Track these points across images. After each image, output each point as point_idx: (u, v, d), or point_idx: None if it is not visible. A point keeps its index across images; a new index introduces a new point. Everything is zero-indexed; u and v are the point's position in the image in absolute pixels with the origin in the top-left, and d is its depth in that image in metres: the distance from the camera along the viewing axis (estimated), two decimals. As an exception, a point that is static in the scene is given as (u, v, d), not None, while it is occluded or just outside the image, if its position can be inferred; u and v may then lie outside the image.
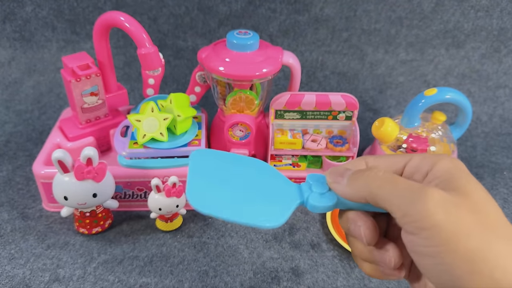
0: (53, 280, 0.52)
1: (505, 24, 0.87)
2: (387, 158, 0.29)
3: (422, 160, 0.27)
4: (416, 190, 0.24)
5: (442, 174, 0.25)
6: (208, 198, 0.29)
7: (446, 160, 0.26)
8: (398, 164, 0.28)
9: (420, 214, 0.23)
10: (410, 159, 0.28)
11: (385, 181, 0.25)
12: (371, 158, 0.29)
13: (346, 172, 0.28)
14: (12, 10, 0.86)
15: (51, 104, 0.88)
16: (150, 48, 0.58)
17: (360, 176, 0.27)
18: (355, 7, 0.86)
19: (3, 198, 0.64)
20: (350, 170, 0.28)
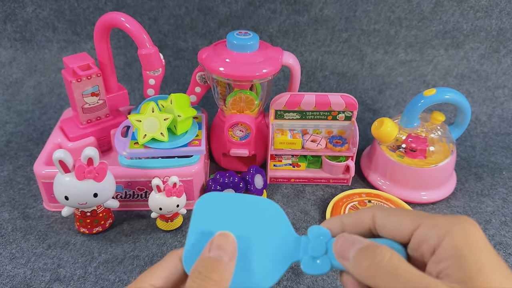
0: (54, 279, 0.52)
1: (504, 25, 0.87)
2: (396, 219, 0.26)
3: (430, 230, 0.24)
4: None
5: (451, 256, 0.23)
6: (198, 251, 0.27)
7: (456, 233, 0.23)
8: (405, 231, 0.26)
9: None
10: (418, 225, 0.25)
11: (388, 273, 0.23)
12: (380, 215, 0.27)
13: (353, 246, 0.26)
14: (13, 10, 0.86)
15: (52, 104, 0.88)
16: (150, 48, 0.58)
17: (365, 260, 0.24)
18: (355, 8, 0.86)
19: (4, 198, 0.65)
20: (358, 244, 0.25)
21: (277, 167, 0.70)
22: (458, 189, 0.70)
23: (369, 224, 0.27)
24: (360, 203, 0.63)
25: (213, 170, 0.73)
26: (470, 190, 0.70)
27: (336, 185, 0.70)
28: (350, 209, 0.61)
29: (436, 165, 0.65)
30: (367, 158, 0.73)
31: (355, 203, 0.62)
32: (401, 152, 0.66)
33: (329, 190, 0.69)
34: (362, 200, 0.63)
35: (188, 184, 0.61)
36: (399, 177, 0.66)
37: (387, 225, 0.26)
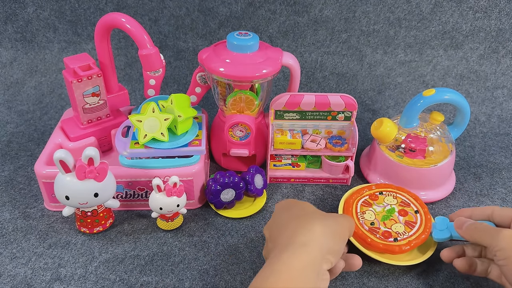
0: (55, 279, 0.52)
1: (503, 25, 0.87)
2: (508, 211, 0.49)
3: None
4: (496, 232, 0.45)
5: None
6: None
7: None
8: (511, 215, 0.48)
9: (497, 245, 0.44)
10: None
11: (481, 231, 0.47)
12: (498, 209, 0.49)
13: (465, 222, 0.49)
14: (14, 11, 0.87)
15: (52, 105, 0.89)
16: (151, 49, 0.58)
17: (470, 228, 0.48)
18: (354, 9, 0.87)
19: (5, 198, 0.65)
20: (468, 222, 0.49)
21: (277, 167, 0.70)
22: (457, 189, 0.70)
23: (489, 214, 0.50)
24: (370, 196, 0.60)
25: (213, 170, 0.73)
26: (469, 190, 0.70)
27: (336, 185, 0.71)
28: (362, 205, 0.58)
29: (435, 165, 0.65)
30: (367, 158, 0.73)
31: (366, 198, 0.60)
32: (401, 152, 0.66)
33: (328, 190, 0.69)
34: (373, 193, 0.61)
35: (189, 184, 0.61)
36: (398, 177, 0.67)
37: (502, 214, 0.49)
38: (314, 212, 0.45)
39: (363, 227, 0.55)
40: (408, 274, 0.55)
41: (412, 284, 0.53)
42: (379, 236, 0.54)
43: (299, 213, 0.44)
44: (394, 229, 0.55)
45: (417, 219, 0.56)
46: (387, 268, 0.55)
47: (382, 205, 0.58)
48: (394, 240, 0.53)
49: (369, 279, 0.54)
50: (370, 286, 0.53)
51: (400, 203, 0.59)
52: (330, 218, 0.43)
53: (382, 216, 0.57)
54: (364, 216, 0.57)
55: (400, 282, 0.54)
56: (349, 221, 0.45)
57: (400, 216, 0.57)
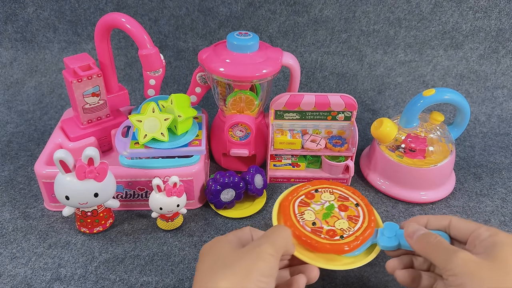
0: (55, 279, 0.52)
1: (504, 25, 0.87)
2: (466, 224, 0.42)
3: (485, 231, 0.39)
4: (451, 253, 0.38)
5: (490, 244, 0.38)
6: None
7: (502, 236, 0.38)
8: (468, 231, 0.41)
9: (451, 269, 0.37)
10: (479, 227, 0.40)
11: (435, 247, 0.40)
12: (455, 220, 0.44)
13: (416, 231, 0.43)
14: (14, 11, 0.87)
15: (52, 105, 0.89)
16: (151, 49, 0.58)
17: (422, 240, 0.42)
18: (354, 9, 0.87)
19: (5, 198, 0.65)
20: (420, 231, 0.43)
21: (277, 167, 0.70)
22: (457, 189, 0.70)
23: (445, 225, 0.44)
24: (306, 195, 0.55)
25: (213, 170, 0.73)
26: (469, 190, 0.70)
27: (336, 185, 0.71)
28: (299, 206, 0.53)
29: (435, 165, 0.65)
30: (367, 158, 0.73)
31: (302, 197, 0.54)
32: (401, 152, 0.66)
33: (328, 190, 0.69)
34: (308, 192, 0.55)
35: (189, 184, 0.61)
36: (398, 177, 0.67)
37: (459, 227, 0.43)
38: (226, 259, 0.37)
39: (305, 229, 0.49)
40: (408, 274, 0.55)
41: (412, 284, 0.53)
42: (324, 236, 0.49)
43: (208, 267, 0.37)
44: (338, 226, 0.50)
45: (359, 212, 0.52)
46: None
47: (320, 203, 0.54)
48: (341, 238, 0.49)
49: (369, 279, 0.54)
50: (370, 286, 0.53)
51: (338, 198, 0.55)
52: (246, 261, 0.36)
53: (322, 214, 0.52)
54: (304, 217, 0.51)
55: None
56: (276, 244, 0.38)
57: (341, 212, 0.52)
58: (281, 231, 0.40)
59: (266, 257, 0.37)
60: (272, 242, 0.38)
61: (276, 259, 0.37)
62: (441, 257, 0.39)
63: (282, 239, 0.40)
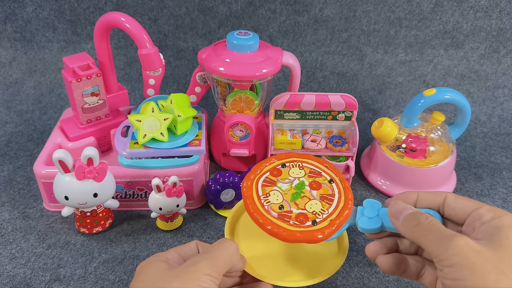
0: (54, 279, 0.52)
1: (504, 25, 0.87)
2: (464, 202, 0.35)
3: (488, 212, 0.33)
4: (446, 238, 0.31)
5: (491, 228, 0.31)
6: None
7: (506, 219, 0.31)
8: (467, 211, 0.34)
9: (446, 258, 0.30)
10: (480, 207, 0.33)
11: (427, 230, 0.33)
12: (451, 197, 0.36)
13: (403, 211, 0.36)
14: (13, 10, 0.86)
15: (52, 104, 0.88)
16: (150, 48, 0.58)
17: (410, 222, 0.34)
18: (355, 8, 0.86)
19: (4, 198, 0.65)
20: (407, 210, 0.35)
21: (277, 167, 0.70)
22: (458, 189, 0.70)
23: (439, 202, 0.37)
24: (272, 172, 0.47)
25: (213, 170, 0.73)
26: (470, 190, 0.70)
27: (336, 185, 0.70)
28: (263, 185, 0.45)
29: (436, 165, 0.65)
30: (367, 158, 0.73)
31: (266, 175, 0.46)
32: (401, 152, 0.66)
33: (329, 190, 0.69)
34: (274, 168, 0.47)
35: (188, 184, 0.61)
36: (399, 177, 0.66)
37: (456, 206, 0.35)
38: (155, 283, 0.33)
39: (271, 215, 0.41)
40: (409, 274, 0.55)
41: (413, 284, 0.53)
42: (293, 223, 0.41)
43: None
44: (310, 208, 0.42)
45: (333, 190, 0.44)
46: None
47: (288, 180, 0.45)
48: (313, 223, 0.41)
49: (370, 279, 0.54)
50: (371, 286, 0.53)
51: (309, 173, 0.46)
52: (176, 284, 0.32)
53: (291, 195, 0.44)
54: (270, 200, 0.43)
55: (400, 282, 0.53)
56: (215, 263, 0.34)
57: (312, 191, 0.44)
58: (224, 246, 0.36)
59: (202, 277, 0.32)
60: (211, 260, 0.34)
61: (215, 279, 0.33)
62: (434, 243, 0.31)
63: (225, 255, 0.35)
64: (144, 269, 0.35)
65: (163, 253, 0.37)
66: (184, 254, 0.37)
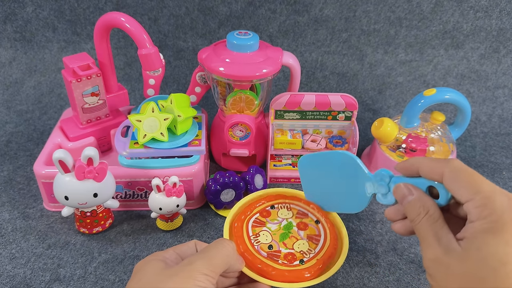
0: (54, 279, 0.52)
1: (504, 25, 0.87)
2: (466, 185, 0.31)
3: (503, 198, 0.30)
4: (440, 242, 0.31)
5: (474, 240, 0.30)
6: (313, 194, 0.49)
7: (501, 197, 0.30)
8: (470, 193, 0.31)
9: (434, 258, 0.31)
10: (492, 193, 0.30)
11: (423, 226, 0.33)
12: (449, 177, 0.32)
13: (407, 197, 0.35)
14: (13, 10, 0.86)
15: (52, 104, 0.88)
16: (150, 48, 0.58)
17: (411, 212, 0.34)
18: (355, 8, 0.86)
19: (4, 198, 0.65)
20: (410, 197, 0.35)
21: (277, 167, 0.70)
22: (458, 189, 0.70)
23: (437, 179, 0.34)
24: (261, 213, 0.50)
25: (213, 170, 0.73)
26: (470, 190, 0.70)
27: (336, 185, 0.70)
28: (253, 226, 0.47)
29: (436, 165, 0.65)
30: (367, 158, 0.73)
31: (256, 216, 0.49)
32: (401, 152, 0.66)
33: (329, 190, 0.69)
34: (263, 209, 0.50)
35: (188, 184, 0.61)
36: (399, 177, 0.66)
37: (456, 188, 0.32)
38: (152, 282, 0.33)
39: (261, 254, 0.44)
40: (409, 274, 0.55)
41: (413, 284, 0.53)
42: (281, 262, 0.43)
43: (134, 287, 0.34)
44: (297, 248, 0.45)
45: (319, 230, 0.47)
46: (388, 268, 0.55)
47: (277, 221, 0.48)
48: (300, 263, 0.43)
49: (370, 279, 0.54)
50: (371, 287, 0.53)
51: (296, 214, 0.50)
52: (172, 283, 0.32)
53: (280, 235, 0.46)
54: (259, 240, 0.45)
55: (401, 282, 0.53)
56: (212, 262, 0.34)
57: (300, 231, 0.47)
58: (222, 246, 0.36)
59: (198, 277, 0.32)
60: (208, 259, 0.34)
61: (211, 278, 0.33)
62: (427, 243, 0.32)
63: (222, 255, 0.35)
64: (142, 268, 0.35)
65: (161, 252, 0.37)
66: (182, 254, 0.37)
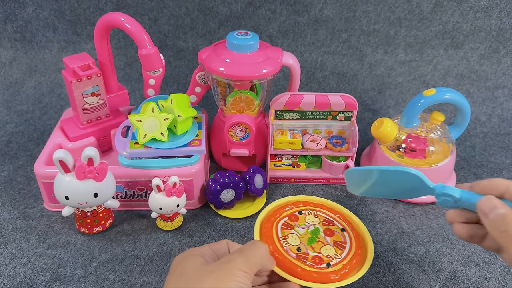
0: (54, 279, 0.52)
1: (504, 25, 0.87)
2: None
3: None
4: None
5: None
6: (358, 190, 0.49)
7: None
8: None
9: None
10: None
11: None
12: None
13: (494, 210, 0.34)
14: (13, 10, 0.87)
15: (52, 105, 0.89)
16: (150, 48, 0.58)
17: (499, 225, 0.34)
18: (354, 8, 0.86)
19: (5, 198, 0.65)
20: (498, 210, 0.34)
21: (277, 167, 0.70)
22: (457, 189, 0.70)
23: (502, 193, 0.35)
24: (290, 217, 0.52)
25: (213, 170, 0.73)
26: (470, 190, 0.70)
27: (336, 185, 0.70)
28: (282, 228, 0.50)
29: (436, 165, 0.65)
30: (367, 158, 0.73)
31: (285, 219, 0.51)
32: (401, 152, 0.66)
33: (328, 190, 0.69)
34: (291, 214, 0.52)
35: (188, 184, 0.61)
36: (398, 177, 0.66)
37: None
38: (192, 276, 0.35)
39: (289, 255, 0.46)
40: (409, 274, 0.55)
41: (413, 284, 0.53)
42: (309, 264, 0.45)
43: (174, 280, 0.36)
44: (324, 252, 0.47)
45: (345, 238, 0.49)
46: (388, 268, 0.55)
47: (304, 226, 0.51)
48: (327, 266, 0.45)
49: (369, 279, 0.54)
50: (370, 286, 0.53)
51: (323, 222, 0.52)
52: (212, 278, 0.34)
53: (307, 239, 0.48)
54: (288, 241, 0.48)
55: (400, 282, 0.54)
56: (251, 260, 0.36)
57: (327, 237, 0.49)
58: (257, 247, 0.38)
59: (237, 273, 0.34)
60: (246, 258, 0.36)
61: (249, 276, 0.35)
62: None
63: (258, 255, 0.37)
64: (182, 262, 0.37)
65: (198, 248, 0.39)
66: (217, 251, 0.39)
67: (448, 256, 0.57)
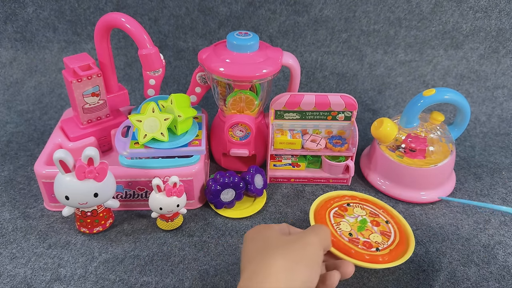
0: (54, 279, 0.52)
1: (504, 25, 0.87)
2: None
3: None
4: None
5: None
6: None
7: None
8: None
9: None
10: None
11: None
12: None
13: None
14: (14, 11, 0.87)
15: (52, 105, 0.89)
16: (151, 49, 0.58)
17: None
18: (354, 8, 0.86)
19: (5, 198, 0.65)
20: None
21: (277, 167, 0.70)
22: (457, 189, 0.70)
23: None
24: (340, 208, 0.57)
25: (213, 170, 0.73)
26: (470, 190, 0.70)
27: (336, 185, 0.71)
28: (334, 216, 0.56)
29: (436, 165, 0.65)
30: (367, 158, 0.73)
31: (336, 209, 0.57)
32: (401, 152, 0.66)
33: (328, 190, 0.69)
34: (341, 205, 0.58)
35: (188, 184, 0.61)
36: (398, 177, 0.67)
37: None
38: (278, 241, 0.39)
39: (343, 238, 0.52)
40: (409, 274, 0.55)
41: (412, 284, 0.53)
42: (361, 247, 0.51)
43: (260, 247, 0.39)
44: (373, 239, 0.53)
45: (390, 229, 0.55)
46: (387, 268, 0.55)
47: (353, 216, 0.56)
48: (376, 250, 0.51)
49: (369, 279, 0.54)
50: (370, 286, 0.53)
51: (369, 214, 0.57)
52: (296, 245, 0.38)
53: (357, 227, 0.54)
54: (341, 227, 0.54)
55: (400, 282, 0.54)
56: (320, 237, 0.41)
57: (374, 227, 0.55)
58: (323, 227, 0.43)
59: (315, 244, 0.39)
60: (317, 235, 0.41)
61: (322, 250, 0.40)
62: None
63: (325, 234, 0.42)
64: (259, 234, 0.41)
65: (269, 225, 0.43)
66: (280, 230, 0.43)
67: (447, 256, 0.58)
